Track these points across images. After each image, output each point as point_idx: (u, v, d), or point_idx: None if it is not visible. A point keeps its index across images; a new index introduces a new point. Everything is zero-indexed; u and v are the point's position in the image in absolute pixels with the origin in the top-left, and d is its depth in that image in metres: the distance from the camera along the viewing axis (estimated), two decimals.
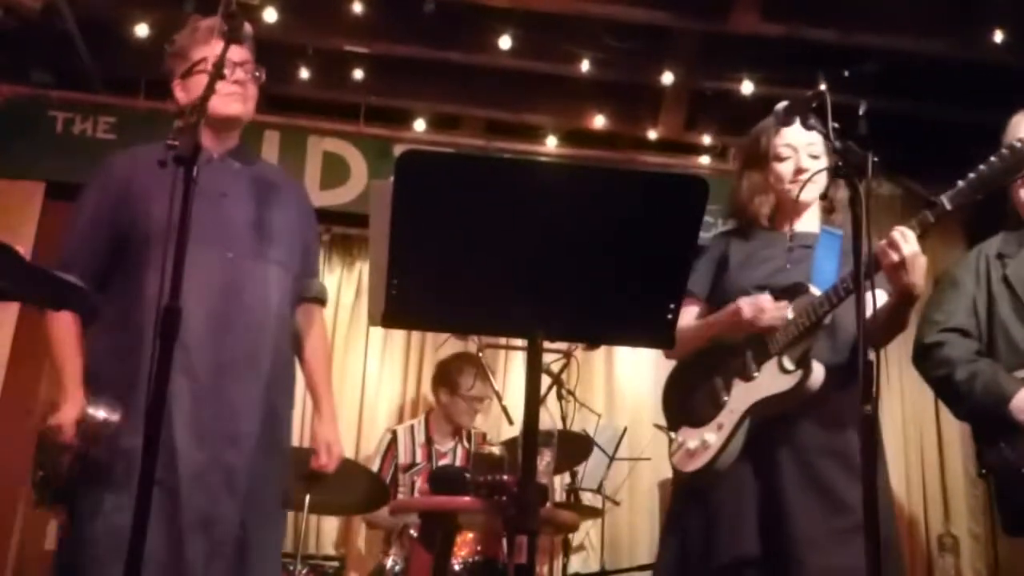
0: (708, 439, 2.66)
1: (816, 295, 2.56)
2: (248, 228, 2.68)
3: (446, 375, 5.12)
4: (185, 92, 2.75)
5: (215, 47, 2.67)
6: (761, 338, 2.63)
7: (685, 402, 2.80)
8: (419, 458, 5.03)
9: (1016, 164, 2.35)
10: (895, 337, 2.66)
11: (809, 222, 2.83)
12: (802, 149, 2.75)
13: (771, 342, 2.61)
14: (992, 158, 2.36)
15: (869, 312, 2.51)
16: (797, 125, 2.70)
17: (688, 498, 2.73)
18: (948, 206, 2.38)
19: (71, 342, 2.61)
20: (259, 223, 2.71)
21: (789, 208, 2.78)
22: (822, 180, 2.77)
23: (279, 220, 2.78)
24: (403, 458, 5.02)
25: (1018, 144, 2.34)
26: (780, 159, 2.78)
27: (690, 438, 2.72)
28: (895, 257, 2.37)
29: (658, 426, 2.90)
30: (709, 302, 2.83)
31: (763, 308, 2.61)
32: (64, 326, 2.62)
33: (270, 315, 2.69)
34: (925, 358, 3.16)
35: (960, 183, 2.39)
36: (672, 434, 2.80)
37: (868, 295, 2.49)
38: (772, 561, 2.51)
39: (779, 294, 2.63)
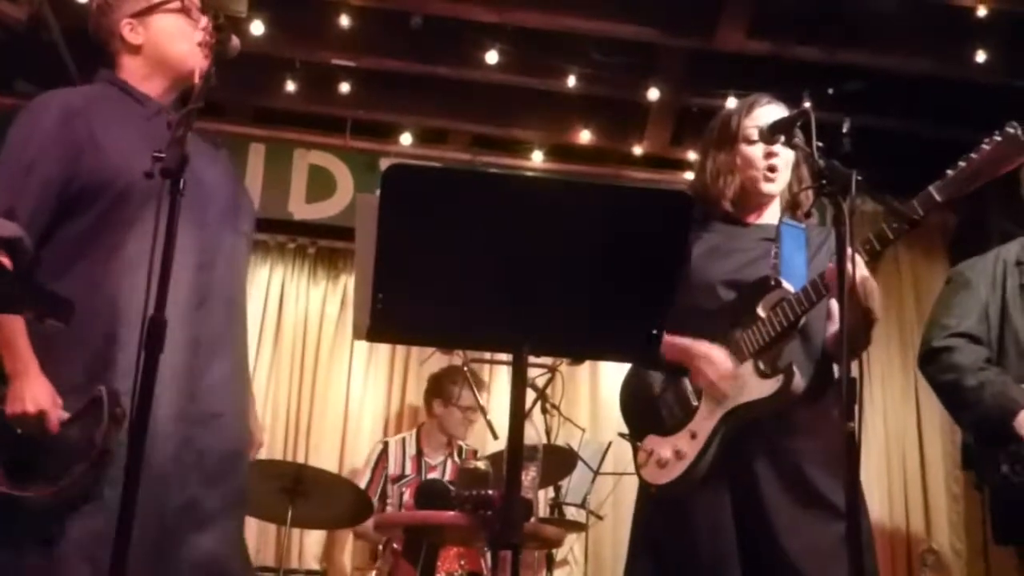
0: (681, 449, 2.52)
1: (789, 292, 2.46)
2: (217, 195, 2.49)
3: (440, 386, 5.12)
4: (141, 32, 2.52)
5: None
6: (732, 338, 2.53)
7: (650, 407, 2.65)
8: (408, 470, 5.02)
9: (1010, 151, 2.21)
10: (858, 355, 2.49)
11: (771, 210, 2.72)
12: None
13: (745, 343, 2.50)
14: (984, 144, 2.23)
15: (836, 328, 2.52)
16: (769, 108, 2.70)
17: (658, 511, 2.61)
18: (938, 198, 2.24)
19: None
20: (225, 190, 2.54)
21: (753, 198, 2.69)
22: (787, 173, 2.68)
23: (235, 187, 2.63)
24: (393, 469, 5.02)
25: (1011, 130, 2.21)
26: (749, 141, 2.66)
27: (660, 448, 2.58)
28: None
29: (622, 434, 2.75)
30: None
31: (722, 373, 2.49)
32: None
33: (239, 289, 2.54)
34: (932, 362, 3.12)
35: (949, 172, 2.24)
36: (639, 444, 2.65)
37: (833, 305, 2.49)
38: None
39: (749, 289, 2.54)
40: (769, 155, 2.63)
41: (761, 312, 2.49)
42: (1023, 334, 3.02)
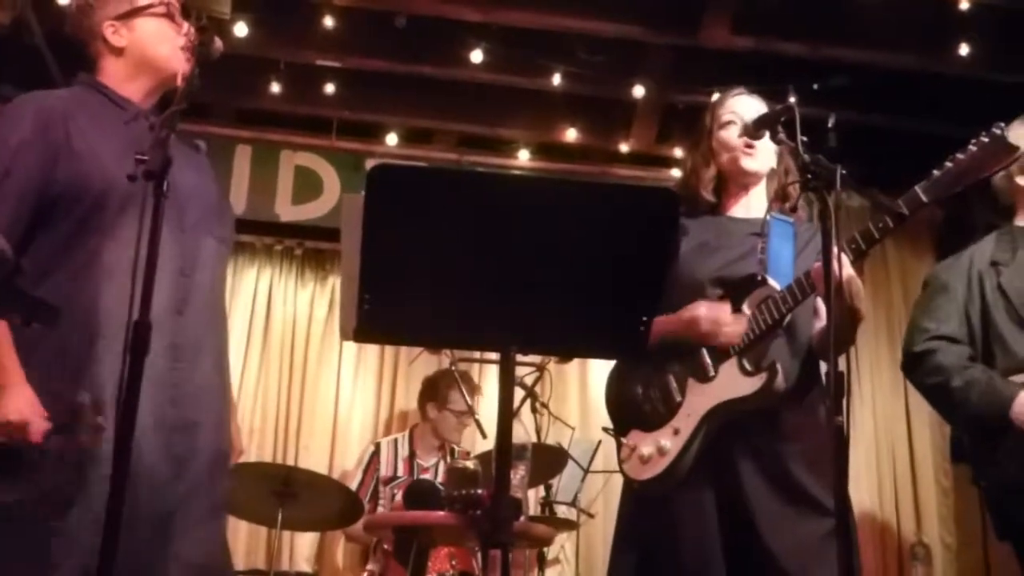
0: (664, 445, 2.52)
1: (775, 289, 2.46)
2: (194, 199, 2.46)
3: (434, 389, 5.11)
4: (124, 35, 2.50)
5: None
6: None
7: (634, 402, 2.65)
8: (401, 471, 5.01)
9: (997, 152, 2.21)
10: (843, 352, 2.58)
11: (757, 202, 2.71)
12: (749, 115, 2.62)
13: None
14: (971, 145, 2.22)
15: (822, 325, 2.52)
16: (743, 98, 2.73)
17: (642, 507, 2.61)
18: (924, 198, 2.24)
19: None
20: (204, 193, 2.52)
21: (736, 179, 2.70)
22: (771, 155, 2.69)
23: (215, 191, 2.61)
24: (384, 470, 5.01)
25: (998, 131, 2.21)
26: (723, 126, 2.70)
27: (643, 443, 2.58)
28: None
29: (606, 429, 2.75)
30: None
31: (721, 322, 2.50)
32: None
33: (219, 295, 2.53)
34: (916, 366, 3.12)
35: (936, 172, 2.25)
36: (623, 439, 2.65)
37: (820, 302, 2.50)
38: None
39: (735, 287, 2.53)
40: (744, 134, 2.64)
41: (747, 309, 2.49)
42: (1006, 333, 3.02)
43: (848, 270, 2.29)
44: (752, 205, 2.72)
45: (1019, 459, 2.87)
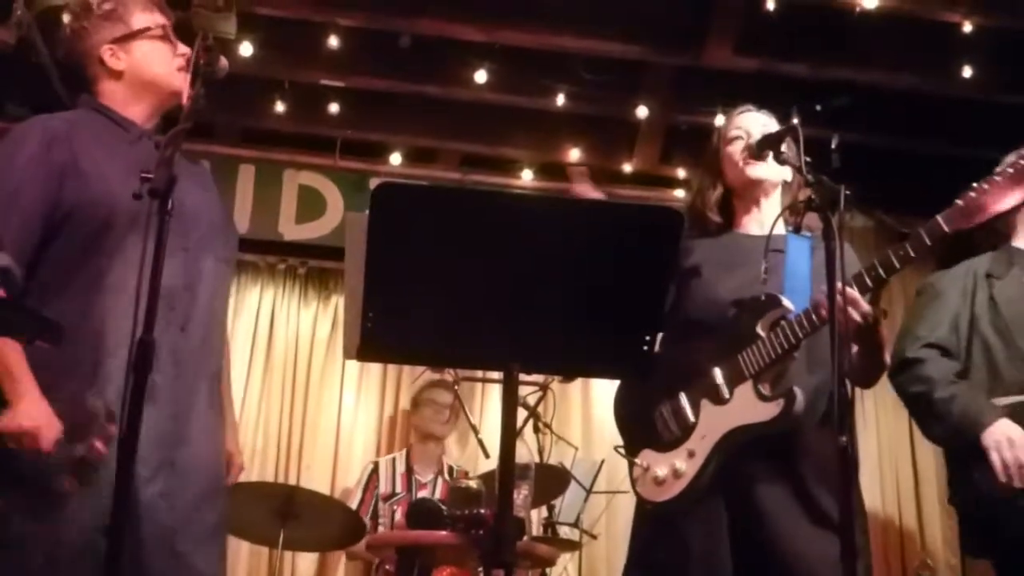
0: (679, 467, 2.50)
1: (789, 310, 2.42)
2: (199, 216, 2.47)
3: (417, 396, 5.29)
4: (123, 58, 2.52)
5: (157, 17, 2.56)
6: (732, 355, 2.49)
7: (646, 420, 2.62)
8: (399, 488, 5.01)
9: (1021, 183, 2.17)
10: (880, 375, 2.56)
11: (771, 217, 2.63)
12: (756, 131, 2.63)
13: (744, 363, 2.46)
14: (995, 176, 2.19)
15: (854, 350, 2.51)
16: (751, 114, 2.72)
17: (655, 527, 2.59)
18: (946, 228, 2.21)
19: None
20: (208, 213, 2.53)
21: (744, 191, 2.69)
22: (775, 165, 2.59)
23: (220, 208, 2.63)
24: (383, 488, 5.01)
25: (1023, 161, 2.18)
26: (730, 141, 2.69)
27: (656, 464, 2.55)
28: (858, 319, 2.30)
29: (617, 449, 2.73)
30: (670, 314, 2.59)
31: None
32: None
33: (222, 314, 2.55)
34: (902, 372, 3.11)
35: (959, 202, 2.22)
36: (636, 461, 2.62)
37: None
38: None
39: (748, 308, 2.50)
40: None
41: (760, 331, 2.46)
42: (993, 347, 3.03)
43: (864, 308, 2.29)
44: (766, 221, 2.66)
45: (991, 477, 2.87)
